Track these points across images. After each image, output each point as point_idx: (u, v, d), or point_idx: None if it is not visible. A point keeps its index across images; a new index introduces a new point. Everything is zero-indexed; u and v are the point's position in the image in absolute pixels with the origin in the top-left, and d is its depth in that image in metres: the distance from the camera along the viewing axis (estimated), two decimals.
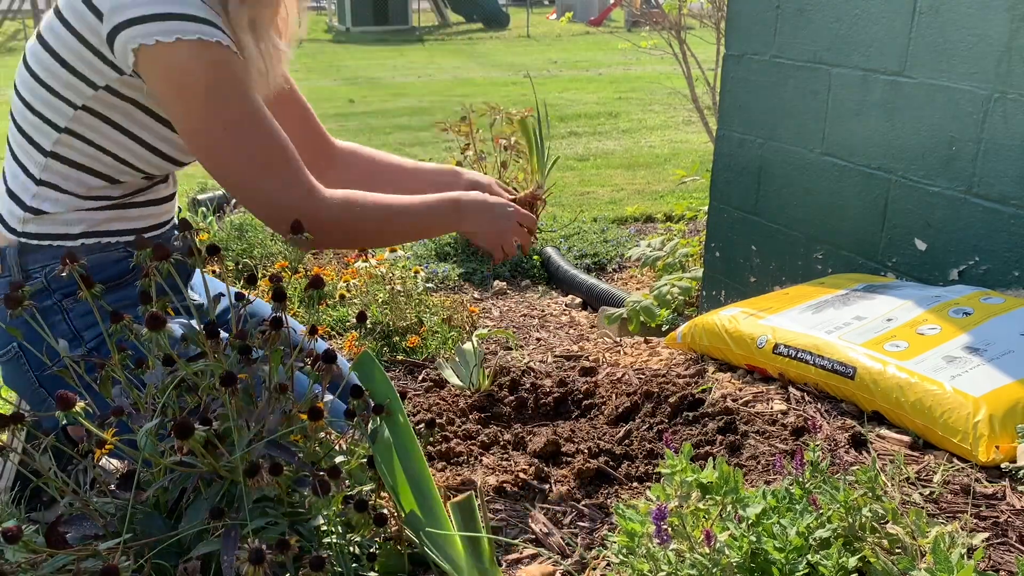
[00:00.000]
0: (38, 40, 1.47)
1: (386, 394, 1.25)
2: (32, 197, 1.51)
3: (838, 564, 0.96)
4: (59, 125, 1.47)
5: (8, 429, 1.04)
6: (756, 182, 2.65)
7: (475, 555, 1.10)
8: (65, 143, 1.48)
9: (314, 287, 1.25)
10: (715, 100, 3.86)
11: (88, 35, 1.39)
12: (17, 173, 1.54)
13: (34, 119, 1.49)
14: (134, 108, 1.46)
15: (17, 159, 1.54)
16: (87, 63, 1.41)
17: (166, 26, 1.34)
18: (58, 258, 1.45)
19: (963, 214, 1.98)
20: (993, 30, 1.87)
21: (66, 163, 1.50)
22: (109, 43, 1.37)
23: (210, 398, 1.13)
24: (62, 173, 1.51)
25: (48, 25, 1.46)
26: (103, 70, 1.41)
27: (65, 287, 1.50)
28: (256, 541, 0.94)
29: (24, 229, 1.51)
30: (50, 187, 1.51)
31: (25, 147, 1.52)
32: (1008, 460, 1.39)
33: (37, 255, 1.51)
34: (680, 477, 1.07)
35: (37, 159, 1.51)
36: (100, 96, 1.44)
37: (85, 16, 1.38)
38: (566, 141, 7.44)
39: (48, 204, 1.51)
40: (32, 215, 1.51)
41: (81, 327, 1.50)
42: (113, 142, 1.48)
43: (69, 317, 1.50)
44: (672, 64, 4.55)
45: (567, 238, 4.31)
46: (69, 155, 1.50)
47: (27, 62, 1.49)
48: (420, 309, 2.57)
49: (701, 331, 1.96)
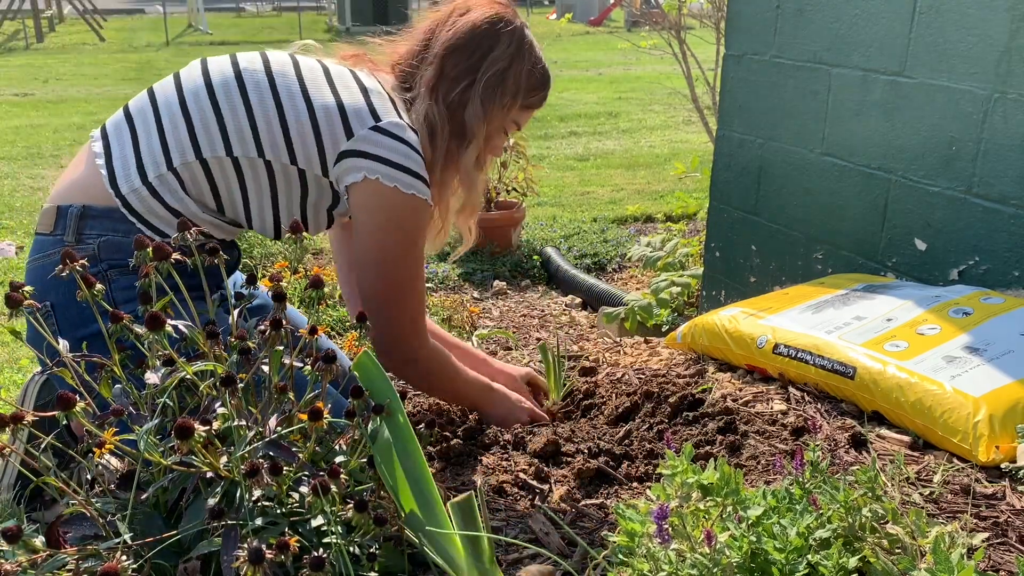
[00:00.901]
0: (266, 75, 1.57)
1: (386, 394, 1.25)
2: (157, 177, 1.54)
3: (838, 564, 0.96)
4: (233, 151, 1.53)
5: (8, 429, 1.04)
6: (756, 182, 2.65)
7: (475, 555, 1.10)
8: (222, 165, 1.55)
9: (314, 287, 1.25)
10: (715, 100, 3.86)
11: (326, 137, 1.54)
12: (156, 145, 1.55)
13: (212, 121, 1.54)
14: (299, 190, 1.59)
15: (163, 132, 1.55)
16: (305, 148, 1.54)
17: (395, 174, 1.53)
18: (116, 231, 1.52)
19: (963, 214, 1.98)
20: (993, 30, 1.87)
21: (207, 176, 1.55)
22: (340, 157, 1.53)
23: (209, 399, 1.13)
24: (196, 181, 1.55)
25: (287, 88, 1.56)
26: (312, 162, 1.55)
27: (113, 258, 1.52)
28: (256, 541, 0.95)
29: (128, 196, 1.53)
30: (177, 179, 1.54)
31: (181, 131, 1.54)
32: (1008, 460, 1.39)
33: (95, 222, 1.53)
34: (681, 478, 1.07)
35: (186, 154, 1.54)
36: (289, 168, 1.56)
37: (333, 121, 1.54)
38: (566, 141, 7.43)
39: (168, 195, 1.54)
40: (147, 191, 1.53)
41: (120, 300, 1.51)
42: (257, 194, 1.58)
43: (111, 288, 1.51)
44: (672, 64, 4.55)
45: (567, 238, 4.30)
46: (216, 174, 1.55)
47: (242, 79, 1.56)
48: None
49: (701, 331, 1.96)
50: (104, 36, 14.81)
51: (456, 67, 1.62)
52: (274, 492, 1.08)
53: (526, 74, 1.66)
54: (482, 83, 1.62)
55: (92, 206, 1.53)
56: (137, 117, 1.60)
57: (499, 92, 1.64)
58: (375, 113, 1.56)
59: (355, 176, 1.54)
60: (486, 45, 1.63)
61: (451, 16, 1.66)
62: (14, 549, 0.96)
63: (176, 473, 1.08)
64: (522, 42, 1.66)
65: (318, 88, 1.57)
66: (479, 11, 1.65)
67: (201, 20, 15.97)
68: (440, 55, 1.62)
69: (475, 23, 1.63)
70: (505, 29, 1.64)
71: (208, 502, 1.05)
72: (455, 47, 1.62)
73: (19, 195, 5.32)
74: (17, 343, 3.07)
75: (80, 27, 15.70)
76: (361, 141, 1.53)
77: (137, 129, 1.58)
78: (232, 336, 1.21)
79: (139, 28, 16.55)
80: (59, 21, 16.94)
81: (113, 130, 1.61)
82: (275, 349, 1.20)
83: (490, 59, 1.62)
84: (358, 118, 1.54)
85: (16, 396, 1.64)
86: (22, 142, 6.91)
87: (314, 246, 4.10)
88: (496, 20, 1.64)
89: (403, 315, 1.62)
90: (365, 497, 1.12)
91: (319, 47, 1.73)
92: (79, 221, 1.53)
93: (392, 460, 1.18)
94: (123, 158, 1.56)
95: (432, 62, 1.63)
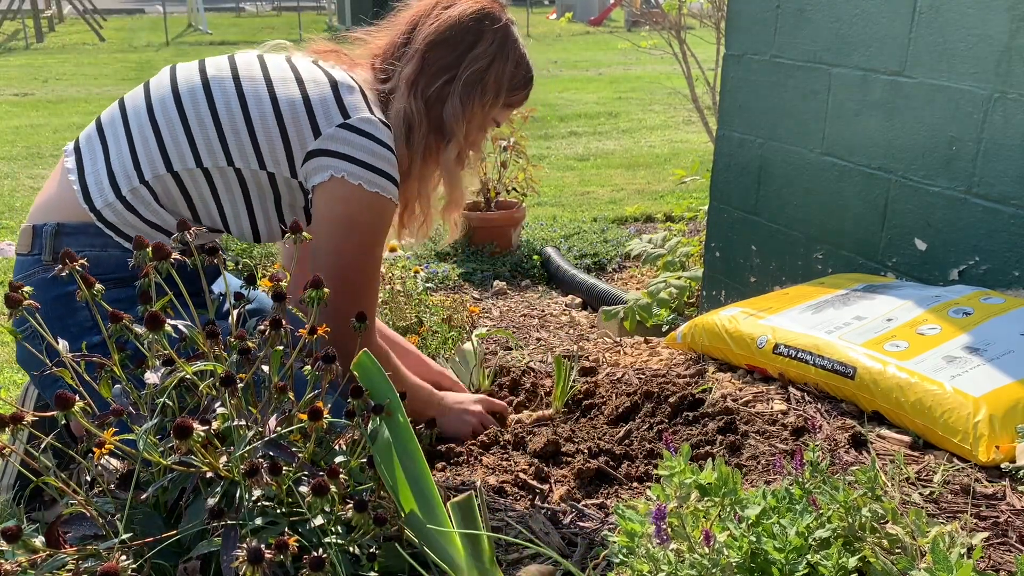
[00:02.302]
0: (233, 81, 1.55)
1: (386, 394, 1.25)
2: (131, 191, 1.53)
3: (838, 564, 0.96)
4: (203, 162, 1.53)
5: (8, 429, 1.04)
6: (756, 182, 2.65)
7: (475, 555, 1.10)
8: (193, 176, 1.54)
9: (314, 287, 1.25)
10: (715, 100, 3.86)
11: (293, 137, 1.52)
12: (127, 159, 1.54)
13: (180, 133, 1.53)
14: (271, 194, 1.58)
15: (133, 146, 1.55)
16: (272, 151, 1.52)
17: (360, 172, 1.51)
18: (92, 245, 1.51)
19: (963, 214, 1.98)
20: (993, 30, 1.87)
21: (181, 189, 1.55)
22: (308, 156, 1.52)
23: (209, 399, 1.13)
24: (169, 192, 1.55)
25: (254, 92, 1.54)
26: (281, 164, 1.53)
27: (93, 272, 1.50)
28: (255, 541, 0.94)
29: (102, 211, 1.53)
30: (150, 192, 1.54)
31: (151, 144, 1.54)
32: (1008, 460, 1.39)
33: (70, 239, 1.52)
34: (679, 478, 1.07)
35: (156, 167, 1.53)
36: (259, 173, 1.54)
37: (300, 120, 1.52)
38: (566, 141, 7.43)
39: (143, 207, 1.54)
40: (122, 205, 1.53)
41: (103, 314, 1.50)
42: (231, 201, 1.57)
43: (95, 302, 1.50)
44: (672, 64, 4.55)
45: (567, 238, 4.30)
46: (188, 185, 1.55)
47: (209, 88, 1.54)
48: (420, 309, 2.57)
49: (701, 331, 1.96)
50: (104, 36, 14.81)
51: (437, 62, 1.59)
52: (274, 492, 1.08)
53: (509, 73, 1.63)
54: (462, 80, 1.59)
55: (66, 223, 1.53)
56: (108, 129, 1.59)
57: (479, 90, 1.60)
58: (344, 109, 1.53)
59: (322, 176, 1.51)
60: (469, 40, 1.59)
61: (435, 8, 1.62)
62: (14, 549, 0.96)
63: (176, 473, 1.08)
64: (506, 39, 1.62)
65: (284, 84, 1.54)
66: (465, 5, 1.61)
67: (201, 20, 15.97)
68: (422, 50, 1.59)
69: (459, 17, 1.59)
70: (490, 26, 1.61)
71: (208, 502, 1.05)
72: (437, 41, 1.59)
73: (19, 195, 5.32)
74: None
75: (80, 27, 15.70)
76: (328, 140, 1.51)
77: (108, 142, 1.57)
78: (231, 336, 1.21)
79: (139, 28, 16.56)
80: (59, 21, 16.94)
81: (85, 144, 1.60)
82: (275, 349, 1.20)
83: (472, 56, 1.59)
84: (325, 115, 1.52)
85: (16, 396, 1.64)
86: (22, 142, 6.91)
87: None
88: (482, 15, 1.61)
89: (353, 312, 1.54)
90: (365, 497, 1.12)
91: (291, 45, 1.69)
92: (54, 239, 1.52)
93: (392, 460, 1.18)
94: (95, 173, 1.55)
95: (412, 56, 1.60)
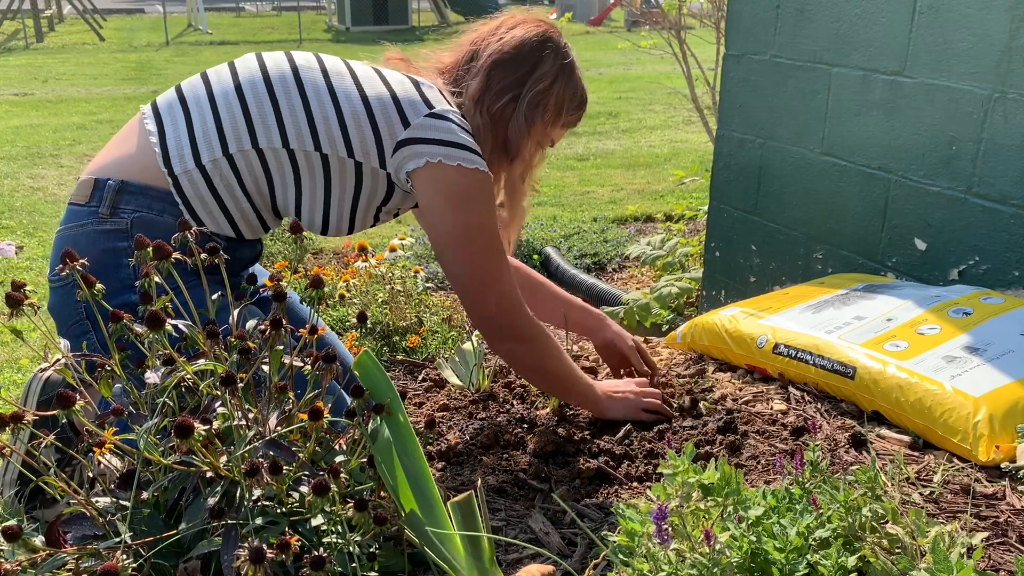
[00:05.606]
0: (322, 74, 1.58)
1: (386, 394, 1.25)
2: (212, 162, 1.54)
3: (838, 564, 0.96)
4: (290, 143, 1.54)
5: (9, 428, 1.04)
6: (756, 182, 2.65)
7: (475, 555, 1.10)
8: (278, 156, 1.55)
9: (314, 287, 1.25)
10: (715, 100, 3.86)
11: (383, 128, 1.54)
12: (211, 130, 1.55)
13: (269, 112, 1.54)
14: (353, 184, 1.59)
15: (219, 118, 1.56)
16: (362, 140, 1.54)
17: (456, 152, 1.54)
18: (150, 208, 1.52)
19: (963, 214, 1.98)
20: (993, 30, 1.87)
21: (264, 168, 1.56)
22: (399, 146, 1.54)
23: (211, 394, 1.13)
24: (252, 169, 1.55)
25: (343, 87, 1.57)
26: (370, 154, 1.55)
27: (143, 234, 1.51)
28: (256, 541, 0.95)
29: (180, 177, 1.53)
30: (231, 167, 1.55)
31: (238, 119, 1.55)
32: (1008, 460, 1.39)
33: (131, 197, 1.53)
34: (682, 477, 1.07)
35: (242, 141, 1.54)
36: (347, 162, 1.56)
37: (389, 113, 1.55)
38: (566, 141, 7.42)
39: (219, 180, 1.55)
40: (199, 174, 1.54)
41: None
42: (311, 187, 1.58)
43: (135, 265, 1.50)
44: (672, 64, 4.55)
45: (567, 238, 4.30)
46: (272, 164, 1.56)
47: (299, 76, 1.57)
48: (420, 309, 2.57)
49: (701, 331, 1.96)
50: (104, 36, 14.80)
51: (502, 80, 1.64)
52: (274, 492, 1.08)
53: (568, 94, 1.70)
54: (527, 99, 1.65)
55: (130, 182, 1.54)
56: (191, 99, 1.60)
57: (542, 108, 1.67)
58: (428, 103, 1.58)
59: (417, 162, 1.54)
60: (533, 61, 1.66)
61: (499, 30, 1.69)
62: (14, 548, 0.96)
63: (176, 473, 1.08)
64: (566, 62, 1.69)
65: (372, 84, 1.59)
66: (528, 27, 1.68)
67: (201, 20, 15.96)
68: (487, 67, 1.65)
69: (523, 38, 1.66)
70: (553, 48, 1.68)
71: (208, 501, 1.05)
72: (502, 61, 1.65)
73: (19, 195, 5.31)
74: (17, 343, 3.07)
75: (80, 27, 15.70)
76: (417, 128, 1.54)
77: (191, 112, 1.59)
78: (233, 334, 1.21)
79: (139, 28, 16.55)
80: (59, 21, 16.93)
81: (166, 110, 1.61)
82: (275, 349, 1.20)
83: (535, 76, 1.65)
84: (413, 108, 1.56)
85: (18, 395, 1.64)
86: (22, 142, 6.91)
87: (314, 246, 4.10)
88: (545, 38, 1.68)
89: (500, 291, 1.60)
90: (365, 497, 1.12)
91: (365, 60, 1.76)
92: (116, 195, 1.53)
93: (392, 459, 1.18)
94: (176, 139, 1.56)
95: (478, 73, 1.65)
